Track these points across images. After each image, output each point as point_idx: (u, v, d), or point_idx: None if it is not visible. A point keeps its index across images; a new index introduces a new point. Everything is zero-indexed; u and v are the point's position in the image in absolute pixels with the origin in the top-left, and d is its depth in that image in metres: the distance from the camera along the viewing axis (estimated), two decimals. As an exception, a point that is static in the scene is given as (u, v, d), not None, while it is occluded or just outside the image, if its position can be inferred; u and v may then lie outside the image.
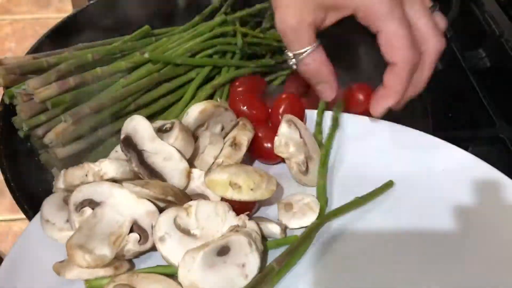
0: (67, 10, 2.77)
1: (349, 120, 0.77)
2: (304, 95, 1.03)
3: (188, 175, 0.65)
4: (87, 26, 1.06)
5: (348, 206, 0.67)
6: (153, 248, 0.60)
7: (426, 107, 0.92)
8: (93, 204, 0.60)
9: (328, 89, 0.69)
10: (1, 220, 1.87)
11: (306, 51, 0.64)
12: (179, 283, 0.54)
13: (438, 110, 1.03)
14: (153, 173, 0.63)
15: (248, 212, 0.61)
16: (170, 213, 0.59)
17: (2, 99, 0.89)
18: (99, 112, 0.86)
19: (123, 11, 1.11)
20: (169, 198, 0.59)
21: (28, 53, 0.98)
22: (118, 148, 0.70)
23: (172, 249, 0.56)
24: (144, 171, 0.63)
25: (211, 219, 0.59)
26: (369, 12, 0.60)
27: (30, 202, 0.82)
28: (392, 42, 0.61)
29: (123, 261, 0.59)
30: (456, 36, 1.21)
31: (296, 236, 0.62)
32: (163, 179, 0.63)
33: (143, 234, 0.59)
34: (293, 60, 0.66)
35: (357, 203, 0.67)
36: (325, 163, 0.70)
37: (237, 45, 1.01)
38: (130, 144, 0.64)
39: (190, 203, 0.61)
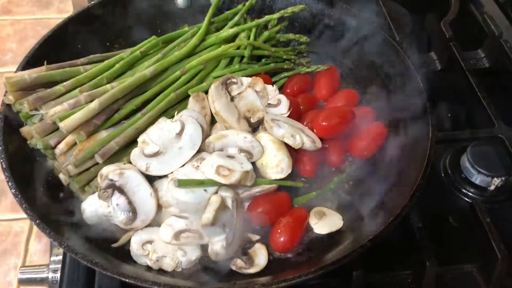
0: (68, 10, 2.77)
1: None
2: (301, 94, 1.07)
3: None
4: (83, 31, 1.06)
5: None
6: None
7: (426, 107, 0.92)
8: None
9: None
10: (2, 220, 1.87)
11: None
12: None
13: (438, 110, 1.04)
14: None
15: None
16: None
17: (3, 100, 0.90)
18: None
19: (123, 15, 1.12)
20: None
21: (28, 58, 0.97)
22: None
23: None
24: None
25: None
26: None
27: (29, 202, 0.82)
28: None
29: None
30: (455, 37, 1.21)
31: None
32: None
33: None
34: None
35: None
36: None
37: (246, 55, 1.05)
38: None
39: None
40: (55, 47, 0.99)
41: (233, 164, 0.84)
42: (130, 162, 0.87)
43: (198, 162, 0.86)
